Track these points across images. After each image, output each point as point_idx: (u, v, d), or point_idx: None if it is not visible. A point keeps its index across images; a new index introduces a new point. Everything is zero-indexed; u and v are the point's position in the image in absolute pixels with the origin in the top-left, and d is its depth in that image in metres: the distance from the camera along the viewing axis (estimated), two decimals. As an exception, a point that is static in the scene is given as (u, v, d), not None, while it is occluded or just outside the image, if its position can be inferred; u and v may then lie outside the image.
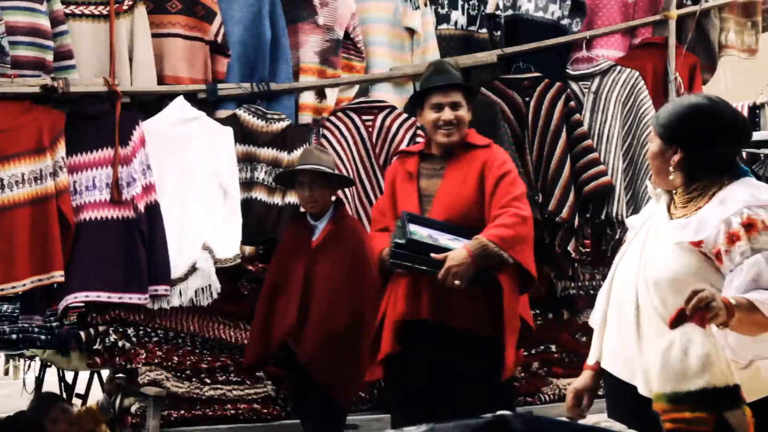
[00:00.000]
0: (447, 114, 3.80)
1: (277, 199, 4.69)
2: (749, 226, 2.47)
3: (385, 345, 3.74)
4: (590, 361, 2.87)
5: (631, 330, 2.63)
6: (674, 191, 2.74)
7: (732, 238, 2.48)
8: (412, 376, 3.80)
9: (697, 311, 2.29)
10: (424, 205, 3.81)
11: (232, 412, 4.54)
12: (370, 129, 4.87)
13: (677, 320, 2.31)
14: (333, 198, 4.33)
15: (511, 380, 3.74)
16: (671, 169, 2.67)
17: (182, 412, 4.55)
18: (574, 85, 5.18)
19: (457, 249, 3.58)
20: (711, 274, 2.54)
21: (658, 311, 2.57)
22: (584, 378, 2.89)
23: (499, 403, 3.68)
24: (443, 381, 3.73)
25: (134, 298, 4.38)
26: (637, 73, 5.14)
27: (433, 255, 3.57)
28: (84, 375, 7.17)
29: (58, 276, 4.30)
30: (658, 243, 2.64)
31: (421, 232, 3.62)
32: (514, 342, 3.64)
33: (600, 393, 2.93)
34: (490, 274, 3.63)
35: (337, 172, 4.38)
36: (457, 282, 3.55)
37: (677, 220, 2.64)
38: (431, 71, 3.93)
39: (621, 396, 2.71)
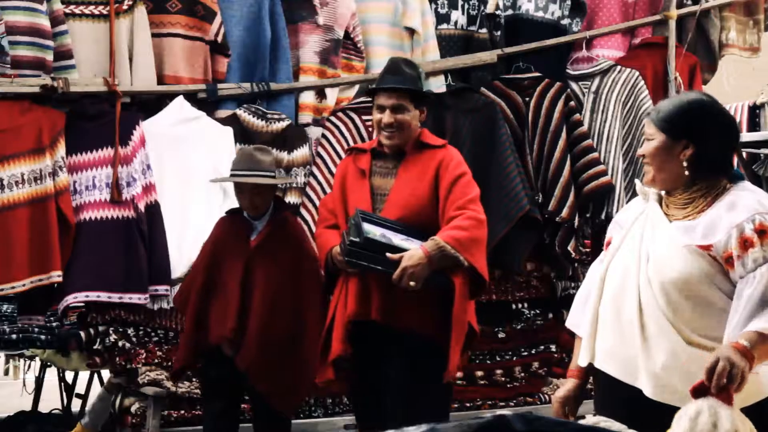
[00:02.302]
0: (387, 117, 3.72)
1: (277, 199, 4.68)
2: (762, 232, 2.49)
3: (336, 346, 3.66)
4: (581, 362, 2.78)
5: (634, 331, 2.60)
6: (666, 192, 2.70)
7: (745, 244, 2.48)
8: (361, 376, 3.77)
9: (722, 390, 2.28)
10: (376, 204, 3.73)
11: (232, 412, 4.53)
12: (370, 129, 4.86)
13: (698, 392, 2.30)
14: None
15: (450, 384, 3.68)
16: (685, 164, 2.63)
17: (182, 412, 4.56)
18: (574, 85, 5.17)
19: (414, 249, 3.51)
20: (719, 278, 2.54)
21: (664, 312, 2.55)
22: (569, 386, 2.83)
23: (436, 404, 3.61)
24: (388, 381, 3.66)
25: (134, 298, 4.39)
26: (637, 73, 5.14)
27: (388, 255, 3.49)
28: (84, 375, 7.16)
29: (57, 276, 4.30)
30: (660, 244, 2.61)
31: (374, 231, 3.53)
32: (460, 345, 3.58)
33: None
34: (445, 277, 3.56)
35: (275, 173, 4.11)
36: (412, 283, 3.48)
37: (680, 222, 2.62)
38: (385, 69, 3.86)
39: (614, 396, 2.67)
